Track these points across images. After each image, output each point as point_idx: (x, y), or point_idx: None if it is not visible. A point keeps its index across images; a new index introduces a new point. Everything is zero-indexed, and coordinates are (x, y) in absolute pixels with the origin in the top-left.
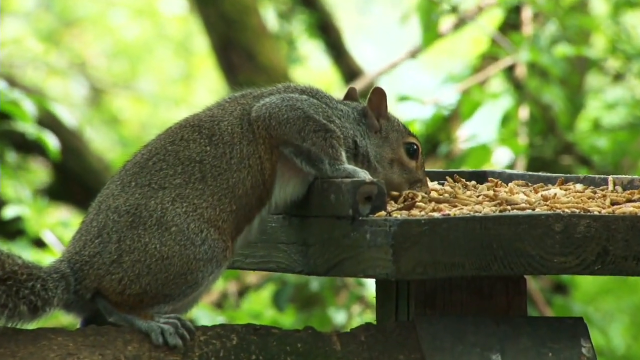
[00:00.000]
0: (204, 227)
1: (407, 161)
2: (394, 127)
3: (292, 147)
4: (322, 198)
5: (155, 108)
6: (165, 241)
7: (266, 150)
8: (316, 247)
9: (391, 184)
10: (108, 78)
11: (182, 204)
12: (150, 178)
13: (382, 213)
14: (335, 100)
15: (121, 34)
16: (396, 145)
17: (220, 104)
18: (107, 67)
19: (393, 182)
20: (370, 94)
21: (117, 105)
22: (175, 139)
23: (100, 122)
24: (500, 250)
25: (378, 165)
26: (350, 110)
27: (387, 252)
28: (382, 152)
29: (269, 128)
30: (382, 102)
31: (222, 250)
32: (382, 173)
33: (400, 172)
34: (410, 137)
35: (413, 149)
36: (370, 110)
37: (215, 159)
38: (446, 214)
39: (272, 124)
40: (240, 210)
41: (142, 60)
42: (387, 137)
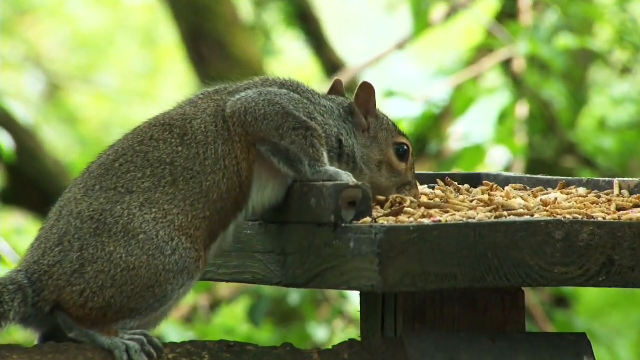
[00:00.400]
0: (174, 235)
1: (397, 163)
2: (383, 126)
3: (269, 145)
4: (301, 203)
5: (118, 105)
6: (131, 250)
7: (243, 149)
8: (295, 256)
9: (379, 188)
10: (66, 72)
11: (151, 210)
12: (117, 181)
13: (367, 219)
14: (318, 95)
15: (80, 24)
16: (385, 146)
17: (193, 100)
18: (65, 60)
19: (381, 186)
20: (358, 89)
21: (75, 101)
22: (144, 138)
23: (58, 121)
24: (495, 260)
25: (365, 167)
26: (335, 106)
27: (372, 262)
28: (369, 153)
29: (245, 124)
30: (370, 98)
31: (194, 261)
32: (369, 176)
33: (389, 175)
34: (400, 137)
35: (403, 149)
36: (357, 107)
37: (187, 161)
38: (437, 220)
39: (249, 120)
40: (215, 216)
41: (103, 52)
42: (375, 136)
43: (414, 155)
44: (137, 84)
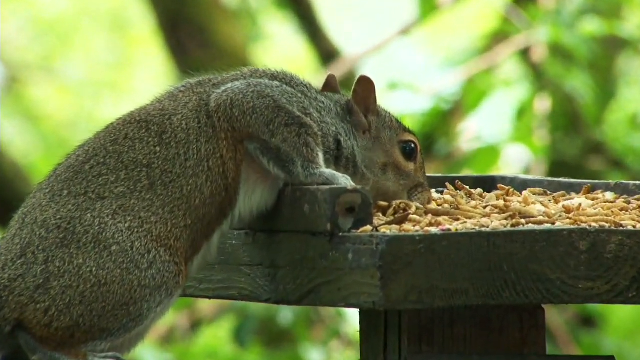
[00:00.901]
0: (151, 247)
1: (404, 164)
2: (385, 124)
3: (258, 143)
4: (293, 209)
5: (85, 99)
6: (103, 263)
7: (229, 147)
8: (287, 269)
9: (386, 193)
10: (26, 62)
11: (125, 218)
12: (87, 186)
13: (367, 228)
14: (314, 89)
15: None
16: (390, 146)
17: (172, 94)
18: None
19: (388, 191)
20: (355, 84)
21: (36, 95)
22: (117, 137)
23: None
24: (512, 274)
25: (367, 172)
26: (332, 103)
27: (373, 275)
28: (372, 156)
29: (232, 119)
30: (370, 94)
31: (173, 276)
32: (374, 181)
33: (396, 178)
34: (406, 134)
35: (410, 148)
36: (355, 104)
37: (166, 162)
38: (446, 228)
39: (235, 114)
40: (197, 224)
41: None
42: (378, 136)
43: (422, 153)
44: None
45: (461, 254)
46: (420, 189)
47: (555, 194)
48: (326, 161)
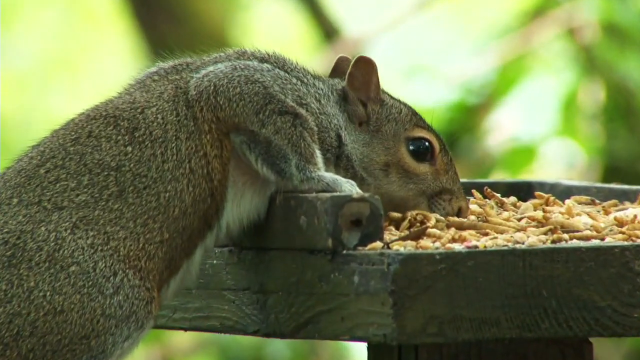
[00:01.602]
0: (118, 268)
1: (413, 165)
2: (390, 116)
3: (245, 134)
4: (287, 222)
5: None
6: (59, 287)
7: (214, 142)
8: (279, 295)
9: (393, 201)
10: None
11: (87, 233)
12: (42, 193)
13: (377, 244)
14: (310, 74)
15: None
16: (393, 142)
17: (143, 83)
18: None
19: (394, 197)
20: (352, 66)
21: None
22: (79, 136)
23: None
24: (553, 300)
25: (364, 173)
26: (328, 89)
27: (384, 302)
28: (370, 153)
29: (216, 108)
30: (369, 78)
31: (144, 304)
32: (374, 185)
33: (402, 182)
34: (416, 130)
35: (423, 146)
36: (352, 90)
37: (139, 164)
38: (472, 245)
39: (220, 102)
40: (176, 239)
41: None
42: (378, 130)
43: (447, 151)
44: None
45: (491, 276)
46: (446, 196)
47: (605, 203)
48: (326, 161)
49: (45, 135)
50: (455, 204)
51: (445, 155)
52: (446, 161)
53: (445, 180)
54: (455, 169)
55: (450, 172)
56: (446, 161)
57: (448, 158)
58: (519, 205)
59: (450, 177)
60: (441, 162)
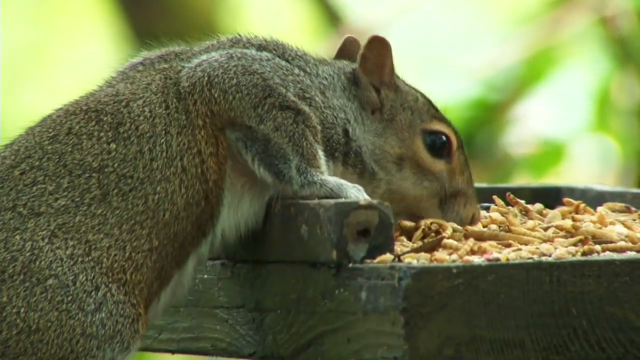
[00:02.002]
0: (101, 282)
1: (428, 161)
2: (406, 104)
3: (241, 131)
4: (286, 232)
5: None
6: (35, 303)
7: (209, 139)
8: (277, 313)
9: (404, 200)
10: None
11: (66, 242)
12: (16, 197)
13: (387, 257)
14: (312, 59)
15: None
16: (409, 133)
17: (127, 74)
18: None
19: (406, 195)
20: (365, 47)
21: None
22: (58, 133)
23: None
24: (583, 320)
25: (377, 167)
26: (334, 74)
27: (395, 321)
28: (383, 145)
29: (210, 101)
30: (384, 60)
31: (130, 322)
32: (385, 180)
33: (417, 178)
34: (434, 122)
35: (440, 141)
36: (364, 74)
37: (125, 164)
38: (493, 257)
39: (215, 95)
40: (167, 247)
41: None
42: (392, 119)
43: (464, 149)
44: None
45: (514, 292)
46: (461, 200)
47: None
48: (333, 160)
49: (19, 133)
50: (469, 210)
51: (462, 153)
52: (463, 161)
53: (461, 181)
54: (470, 171)
55: (466, 174)
56: (463, 161)
57: (464, 157)
58: (545, 213)
59: (466, 178)
60: (457, 161)
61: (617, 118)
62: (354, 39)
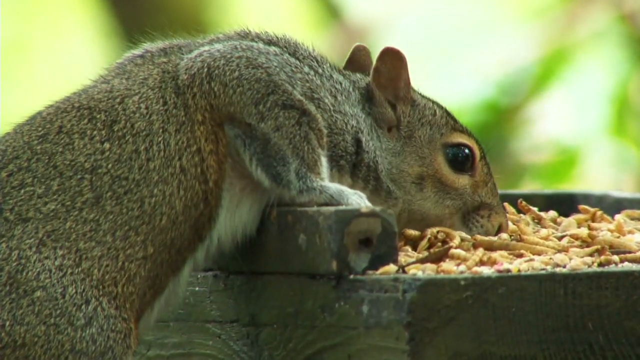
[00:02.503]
0: (91, 295)
1: (451, 177)
2: (424, 119)
3: (240, 128)
4: (284, 241)
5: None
6: (21, 316)
7: (208, 134)
8: (274, 328)
9: (425, 219)
10: None
11: (55, 251)
12: (3, 201)
13: (390, 268)
14: (328, 63)
15: None
16: (429, 150)
17: (123, 68)
18: None
19: (428, 216)
20: (378, 60)
21: None
22: (48, 132)
23: None
24: (600, 334)
25: (394, 187)
26: (350, 85)
27: (399, 337)
28: (401, 164)
29: (210, 94)
30: (399, 73)
31: (122, 337)
32: (405, 200)
33: (439, 197)
34: (455, 135)
35: (463, 154)
36: (378, 89)
37: (119, 164)
38: (504, 268)
39: (214, 88)
40: (163, 254)
41: None
42: (410, 136)
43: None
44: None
45: (526, 306)
46: (484, 212)
47: None
48: (338, 168)
49: (6, 131)
50: (495, 221)
51: (485, 163)
52: (486, 171)
53: (485, 193)
54: (494, 180)
55: (490, 184)
56: (486, 171)
57: (487, 167)
58: (559, 222)
59: (490, 189)
60: (481, 172)
61: (636, 121)
62: (364, 47)
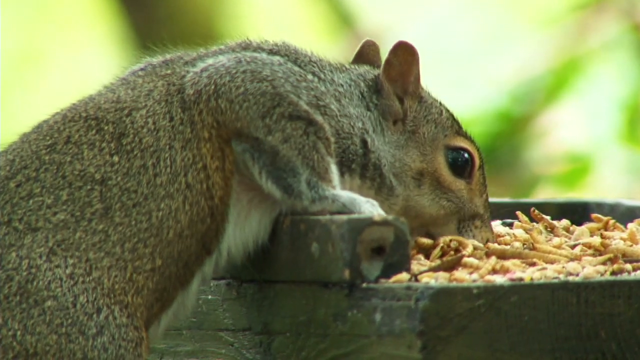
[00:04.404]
0: (103, 303)
1: (449, 179)
2: (430, 116)
3: (248, 142)
4: (296, 250)
5: None
6: (32, 325)
7: (214, 151)
8: (286, 337)
9: (420, 215)
10: None
11: (66, 260)
12: (12, 211)
13: (403, 276)
14: (327, 64)
15: None
16: (431, 148)
17: (129, 80)
18: None
19: (422, 212)
20: (390, 53)
21: None
22: (56, 141)
23: None
24: (613, 343)
25: (395, 181)
26: (352, 81)
27: (412, 345)
28: (403, 157)
29: (217, 111)
30: (410, 67)
31: (134, 346)
32: (403, 196)
33: (435, 196)
34: (458, 139)
35: (462, 159)
36: (387, 82)
37: (128, 178)
38: (517, 277)
39: (221, 105)
40: (170, 267)
41: None
42: (415, 131)
43: (484, 170)
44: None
45: (539, 314)
46: (477, 223)
47: None
48: (349, 172)
49: (14, 141)
50: (485, 233)
51: (482, 174)
52: (482, 181)
53: (479, 204)
54: (487, 193)
55: (484, 196)
56: (482, 181)
57: (484, 178)
58: (572, 230)
59: (484, 201)
60: (477, 182)
61: None
62: (373, 42)
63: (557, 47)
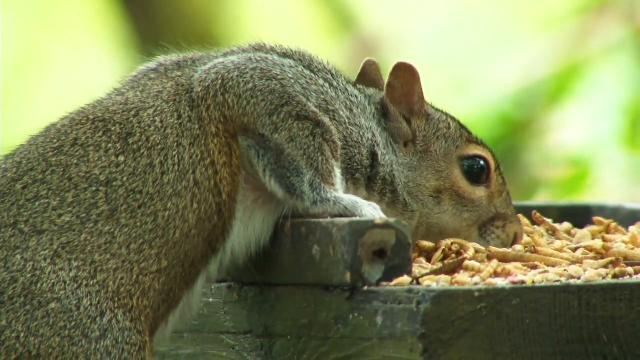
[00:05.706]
0: (107, 307)
1: (469, 189)
2: (439, 132)
3: (254, 138)
4: (297, 253)
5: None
6: (35, 328)
7: (222, 146)
8: (287, 340)
9: (443, 232)
10: None
11: (70, 263)
12: (17, 213)
13: (404, 279)
14: (343, 77)
15: None
16: (445, 164)
17: (137, 82)
18: None
19: (446, 229)
20: (391, 75)
21: None
22: (63, 144)
23: None
24: (615, 346)
25: (412, 201)
26: (366, 97)
27: (413, 348)
28: (418, 178)
29: (224, 106)
30: (412, 88)
31: (137, 350)
32: (423, 214)
33: (457, 210)
34: (471, 147)
35: (478, 166)
36: (392, 104)
37: (134, 178)
38: (518, 280)
39: (228, 100)
40: (177, 267)
41: None
42: (427, 150)
43: (501, 168)
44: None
45: (540, 317)
46: (499, 222)
47: None
48: (353, 181)
49: (20, 143)
50: (511, 230)
51: (499, 174)
52: (501, 181)
53: (500, 203)
54: (508, 189)
55: (504, 194)
56: (501, 181)
57: (502, 177)
58: (574, 233)
59: (504, 199)
60: (496, 183)
61: None
62: (374, 62)
63: (558, 51)
